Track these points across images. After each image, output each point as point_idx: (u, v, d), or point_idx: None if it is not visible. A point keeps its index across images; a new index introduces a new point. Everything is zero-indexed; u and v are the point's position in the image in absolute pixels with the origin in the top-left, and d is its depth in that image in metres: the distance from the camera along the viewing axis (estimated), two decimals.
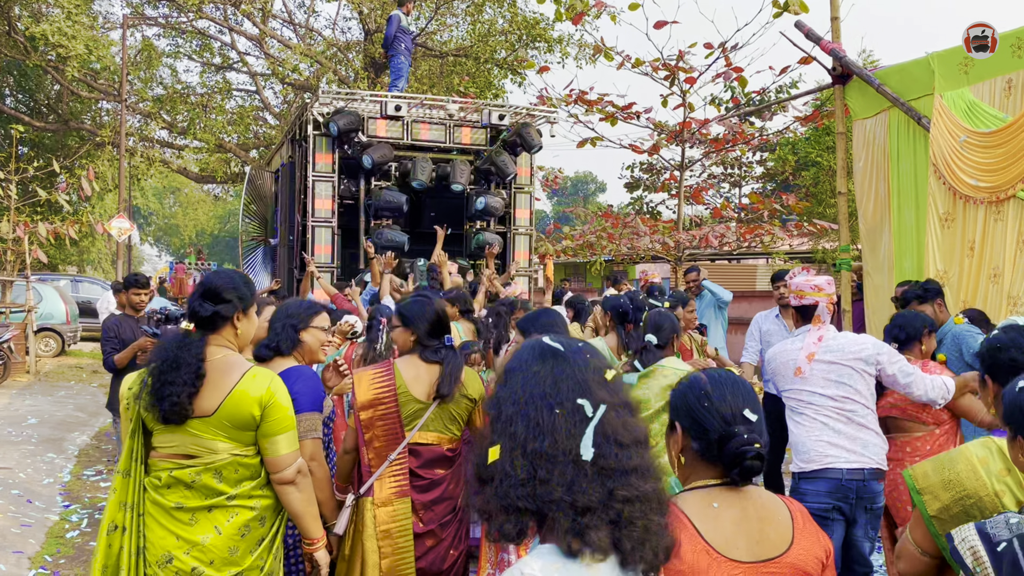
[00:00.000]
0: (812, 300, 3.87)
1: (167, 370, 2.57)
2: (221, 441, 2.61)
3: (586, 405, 1.40)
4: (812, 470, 3.66)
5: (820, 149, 18.07)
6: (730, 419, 1.74)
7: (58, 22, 19.07)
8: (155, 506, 2.64)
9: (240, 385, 2.61)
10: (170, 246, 57.56)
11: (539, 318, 3.59)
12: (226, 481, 2.62)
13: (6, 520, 5.95)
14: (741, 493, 1.74)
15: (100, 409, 10.70)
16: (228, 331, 2.73)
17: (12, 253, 13.58)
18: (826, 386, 3.69)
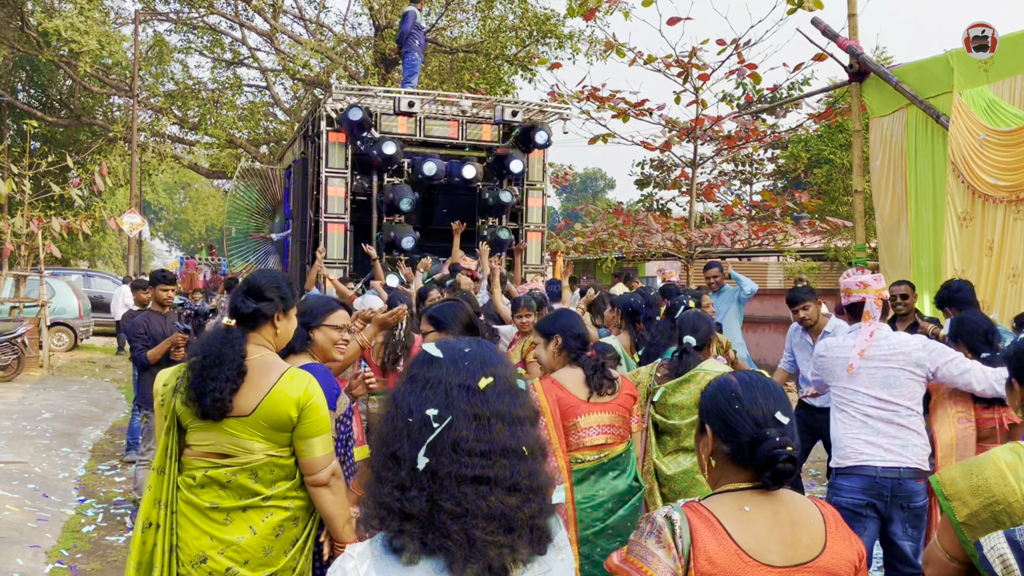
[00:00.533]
0: (859, 297, 3.89)
1: (210, 365, 2.54)
2: (257, 441, 2.60)
3: (432, 415, 1.42)
4: (847, 466, 3.69)
5: (833, 146, 17.98)
6: (762, 421, 1.73)
7: (71, 17, 19.14)
8: (189, 506, 2.62)
9: (278, 386, 2.59)
10: (180, 241, 57.76)
11: (559, 319, 3.56)
12: (261, 481, 2.60)
13: (23, 514, 5.98)
14: (773, 496, 1.73)
15: (113, 404, 10.75)
16: (268, 330, 2.72)
17: (26, 248, 13.64)
18: (871, 386, 3.70)
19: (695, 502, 1.74)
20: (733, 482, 1.75)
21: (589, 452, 3.32)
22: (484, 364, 1.50)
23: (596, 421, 3.34)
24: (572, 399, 3.31)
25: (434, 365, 1.49)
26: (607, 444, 3.35)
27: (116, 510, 6.42)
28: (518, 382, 1.53)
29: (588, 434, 3.32)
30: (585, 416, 3.32)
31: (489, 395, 1.46)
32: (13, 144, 21.22)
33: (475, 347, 1.54)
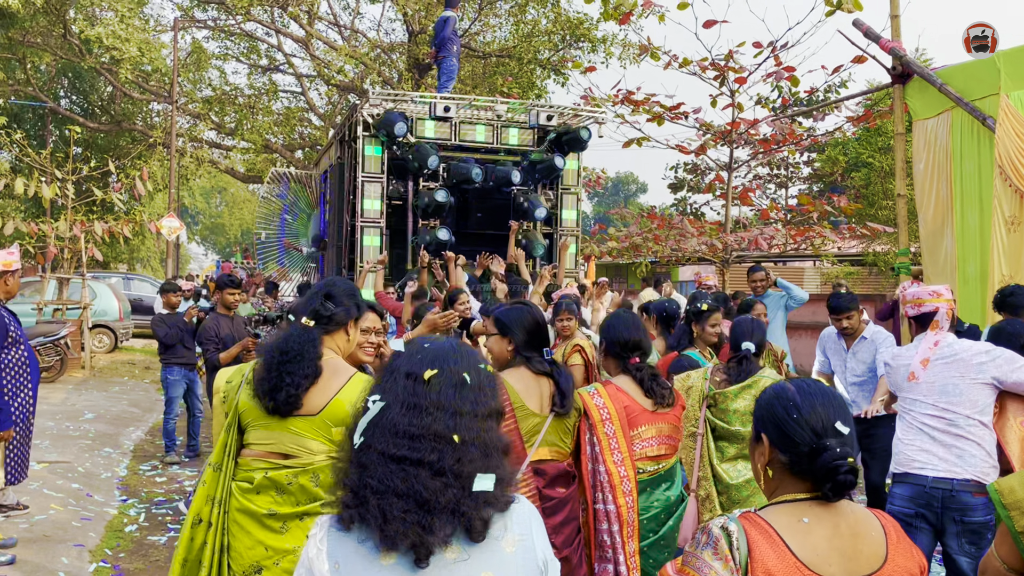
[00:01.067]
0: (932, 307, 3.88)
1: (289, 361, 2.55)
2: (321, 442, 2.58)
3: (373, 399, 1.58)
4: (898, 473, 3.67)
5: (872, 150, 17.72)
6: (821, 431, 1.69)
7: (112, 25, 19.51)
8: (243, 514, 2.58)
9: (345, 390, 2.60)
10: (216, 245, 58.55)
11: (618, 323, 3.47)
12: (322, 485, 2.55)
13: (67, 513, 6.09)
14: (832, 508, 1.69)
15: (153, 405, 10.91)
16: (341, 335, 2.76)
17: (69, 251, 13.91)
18: (929, 393, 3.65)
19: (752, 512, 1.70)
20: (790, 492, 1.72)
21: (648, 463, 3.25)
22: (435, 358, 1.60)
23: (656, 431, 3.28)
24: (637, 407, 3.25)
25: (396, 358, 1.65)
26: (664, 455, 3.30)
27: (157, 510, 6.51)
28: (472, 378, 1.60)
29: (649, 444, 3.25)
30: (647, 426, 3.25)
31: (432, 385, 1.56)
32: (56, 149, 21.68)
33: (436, 344, 1.66)
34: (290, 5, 20.44)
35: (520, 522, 1.56)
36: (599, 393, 3.24)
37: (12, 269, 5.00)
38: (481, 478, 1.50)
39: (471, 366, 1.63)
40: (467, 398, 1.58)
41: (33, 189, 13.14)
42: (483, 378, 1.63)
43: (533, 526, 1.58)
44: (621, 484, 3.09)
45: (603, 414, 3.17)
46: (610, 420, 3.16)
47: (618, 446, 3.13)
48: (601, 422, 3.16)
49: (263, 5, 20.65)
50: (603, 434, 3.14)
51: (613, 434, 3.14)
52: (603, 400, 3.21)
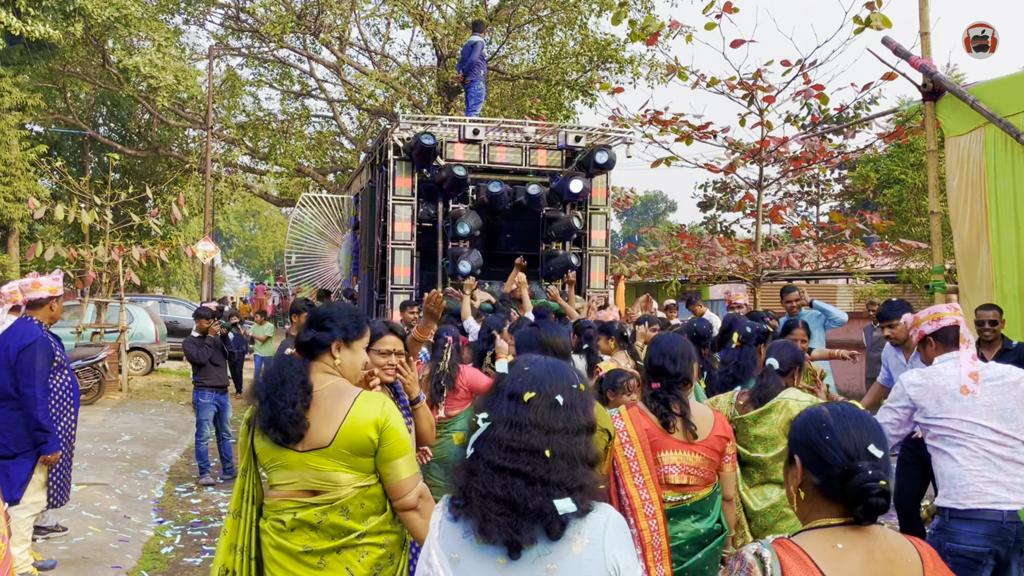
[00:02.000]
0: (952, 320, 3.70)
1: (273, 390, 2.53)
2: (343, 472, 2.53)
3: (482, 417, 1.86)
4: (968, 508, 3.41)
5: (904, 166, 17.54)
6: (854, 454, 1.69)
7: (149, 54, 20.02)
8: (280, 551, 2.55)
9: (354, 410, 2.54)
10: (250, 267, 59.34)
11: (653, 347, 3.40)
12: (354, 518, 2.53)
13: (105, 535, 6.19)
14: (866, 533, 1.68)
15: (188, 427, 11.05)
16: (328, 358, 2.68)
17: (107, 276, 14.20)
18: (989, 418, 3.44)
19: (785, 539, 1.70)
20: (824, 516, 1.72)
21: (670, 492, 3.17)
22: (534, 381, 1.86)
23: (679, 459, 3.17)
24: (658, 432, 3.18)
25: (501, 379, 1.92)
26: (689, 486, 3.18)
27: (193, 532, 6.58)
28: (565, 398, 1.85)
29: (669, 471, 3.16)
30: (667, 452, 3.17)
31: (531, 406, 1.82)
32: (95, 176, 22.20)
33: (536, 367, 1.92)
34: (322, 32, 20.82)
35: (593, 528, 1.77)
36: (621, 416, 3.22)
37: (58, 294, 5.13)
38: (560, 502, 1.74)
39: (565, 388, 1.87)
40: (559, 417, 1.82)
41: (73, 215, 13.45)
42: (575, 397, 1.87)
43: (607, 533, 1.77)
44: (643, 507, 3.04)
45: (623, 437, 3.14)
46: (630, 443, 3.13)
47: (639, 469, 3.09)
48: (621, 445, 3.13)
49: (295, 32, 21.06)
50: (623, 457, 3.12)
51: (634, 456, 3.11)
52: (624, 423, 3.18)
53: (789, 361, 3.94)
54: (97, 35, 21.20)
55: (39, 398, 4.85)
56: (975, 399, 3.46)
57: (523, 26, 21.19)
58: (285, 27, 19.73)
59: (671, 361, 3.20)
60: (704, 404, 3.80)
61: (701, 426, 3.19)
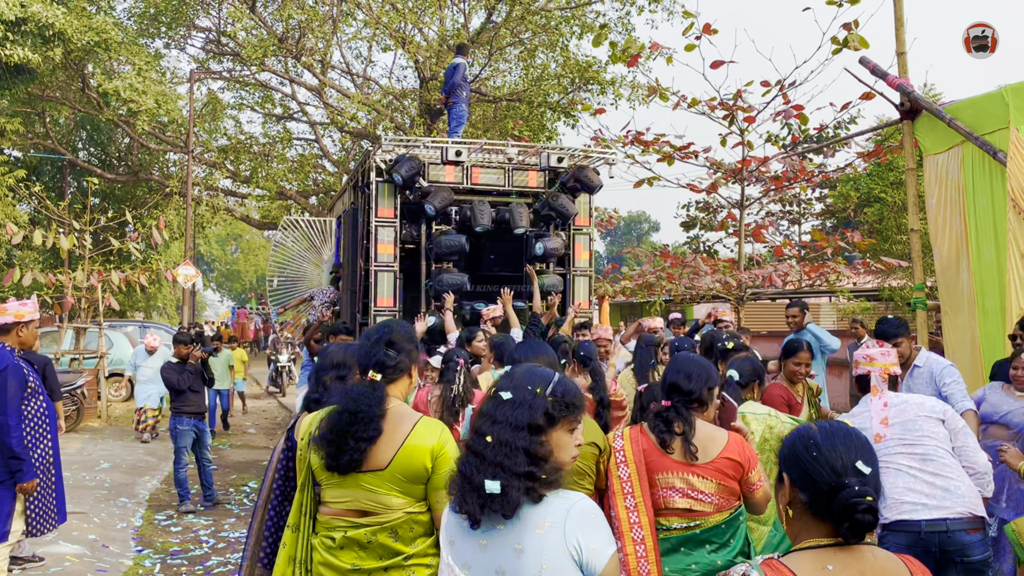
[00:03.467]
0: (865, 370, 3.87)
1: (357, 423, 2.52)
2: (395, 496, 2.55)
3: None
4: (891, 520, 3.49)
5: (884, 185, 17.73)
6: (840, 470, 1.67)
7: (129, 78, 19.94)
8: (329, 569, 2.57)
9: (412, 436, 2.56)
10: (232, 291, 58.92)
11: (669, 366, 3.33)
12: (402, 540, 2.55)
13: (83, 565, 6.05)
14: (857, 554, 1.66)
15: (168, 454, 10.88)
16: (404, 382, 2.71)
17: (86, 301, 14.03)
18: (893, 432, 3.64)
19: (774, 559, 1.68)
20: (813, 536, 1.69)
21: (675, 519, 2.99)
22: (514, 385, 2.14)
23: (684, 483, 2.98)
24: (654, 452, 3.03)
25: (500, 379, 2.22)
26: (695, 512, 2.98)
27: (173, 560, 6.46)
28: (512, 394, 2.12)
29: (670, 495, 2.99)
30: (665, 474, 3.00)
31: (507, 404, 2.10)
32: (74, 201, 22.01)
33: (519, 371, 2.20)
34: (303, 55, 20.83)
35: (555, 513, 2.00)
36: (622, 436, 3.13)
37: (25, 320, 5.01)
38: (489, 483, 1.99)
39: (521, 387, 2.13)
40: (502, 411, 2.10)
41: (51, 240, 13.31)
42: (526, 397, 2.11)
43: (569, 517, 1.99)
44: (631, 531, 2.90)
45: (619, 457, 3.05)
46: (625, 463, 3.02)
47: (631, 491, 2.96)
48: (616, 465, 3.04)
49: (277, 55, 21.06)
50: (616, 478, 3.01)
51: (628, 478, 2.99)
52: (623, 443, 3.08)
53: (749, 373, 4.02)
54: (77, 59, 21.10)
55: (11, 426, 4.75)
56: (885, 432, 3.63)
57: (505, 48, 21.31)
58: (266, 50, 19.73)
59: (686, 379, 3.08)
60: None
61: (706, 447, 3.00)
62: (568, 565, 1.97)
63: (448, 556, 2.12)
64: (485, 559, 2.04)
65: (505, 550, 2.00)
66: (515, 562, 1.99)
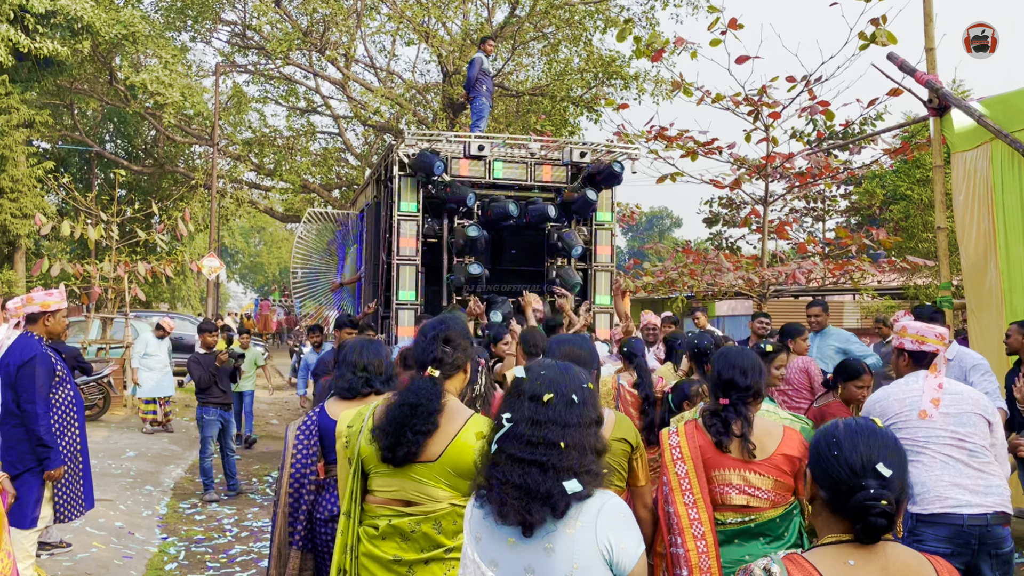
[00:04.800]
0: (932, 348, 3.80)
1: (418, 417, 2.57)
2: (442, 489, 2.59)
3: (506, 417, 2.10)
4: (931, 513, 3.51)
5: (910, 182, 17.53)
6: (860, 471, 1.67)
7: (156, 71, 20.14)
8: (371, 559, 2.63)
9: (464, 431, 2.60)
10: (255, 283, 59.41)
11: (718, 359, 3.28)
12: (444, 532, 2.59)
13: (109, 551, 6.15)
14: (880, 550, 1.66)
15: (192, 443, 11.03)
16: (460, 377, 2.77)
17: (113, 291, 14.21)
18: (946, 423, 3.58)
19: (796, 554, 1.68)
20: (834, 532, 1.70)
21: (731, 513, 2.98)
22: (551, 383, 2.10)
23: (738, 479, 2.97)
24: (711, 449, 3.00)
25: (519, 383, 2.14)
26: (752, 508, 2.97)
27: (197, 548, 6.55)
28: (578, 397, 2.10)
29: (728, 492, 2.97)
30: (722, 471, 2.98)
31: (549, 406, 2.06)
32: (101, 192, 22.29)
33: (550, 369, 2.15)
34: (327, 49, 20.93)
35: (587, 512, 2.00)
36: (677, 432, 3.09)
37: (52, 309, 5.08)
38: (569, 483, 1.98)
39: (577, 387, 2.12)
40: (574, 413, 2.07)
41: (79, 231, 13.48)
42: (586, 395, 2.12)
43: (600, 516, 2.00)
44: (691, 527, 2.89)
45: (675, 454, 3.02)
46: (682, 460, 2.99)
47: (690, 487, 2.94)
48: (672, 462, 3.01)
49: (301, 49, 21.18)
50: (673, 474, 2.99)
51: (685, 474, 2.96)
52: (679, 439, 3.05)
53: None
54: (104, 52, 21.35)
55: (40, 414, 4.82)
56: (935, 414, 3.60)
57: (528, 43, 21.29)
58: (291, 44, 19.84)
59: (741, 374, 3.03)
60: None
61: (763, 444, 2.98)
62: (599, 564, 1.98)
63: (474, 552, 2.11)
64: (514, 557, 2.03)
65: (535, 548, 2.00)
66: (545, 561, 1.99)
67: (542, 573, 2.00)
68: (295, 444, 3.50)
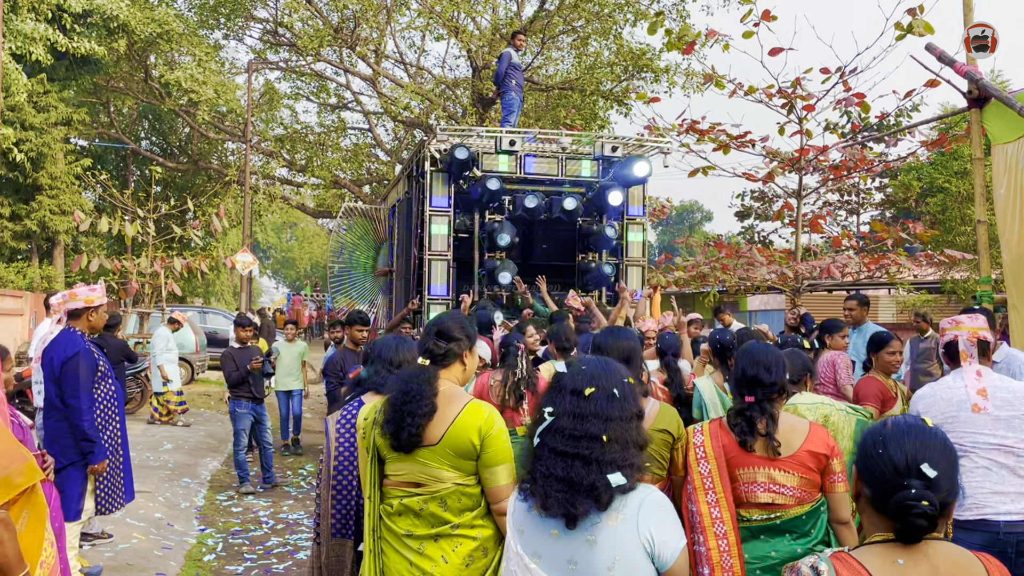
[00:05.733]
0: (951, 335, 3.71)
1: (409, 401, 2.77)
2: (446, 470, 2.77)
3: (547, 411, 2.16)
4: (967, 519, 3.43)
5: (948, 174, 17.23)
6: (903, 471, 1.66)
7: (190, 69, 20.40)
8: (390, 533, 2.86)
9: (462, 416, 2.78)
10: (286, 278, 59.99)
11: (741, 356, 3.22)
12: (450, 510, 2.78)
13: (149, 542, 6.27)
14: (928, 548, 1.64)
15: (228, 436, 11.16)
16: (457, 367, 2.96)
17: (149, 286, 14.44)
18: (995, 427, 3.45)
19: (844, 552, 1.67)
20: (880, 531, 1.68)
21: (756, 511, 2.97)
22: (592, 378, 2.16)
23: (764, 477, 2.95)
24: (735, 448, 2.98)
25: (560, 377, 2.21)
26: (778, 505, 2.95)
27: (234, 540, 6.65)
28: (619, 391, 2.16)
29: (753, 490, 2.96)
30: (747, 469, 2.97)
31: (590, 399, 2.11)
32: (138, 189, 22.64)
33: (591, 364, 2.21)
34: (358, 45, 21.04)
35: (630, 505, 2.05)
36: (702, 431, 3.08)
37: (95, 305, 5.17)
38: (613, 476, 2.02)
39: (618, 382, 2.17)
40: (616, 407, 2.12)
41: (117, 227, 13.71)
42: (627, 390, 2.17)
43: (642, 510, 2.05)
44: (713, 526, 2.89)
45: (699, 453, 3.01)
46: (705, 459, 2.98)
47: (712, 486, 2.94)
48: (696, 461, 3.00)
49: (332, 46, 21.31)
50: (697, 473, 2.98)
51: (708, 474, 2.96)
52: (703, 438, 3.03)
53: (800, 369, 3.99)
54: (140, 51, 21.65)
55: (84, 409, 4.89)
56: (987, 407, 3.47)
57: (557, 37, 21.22)
58: (322, 40, 19.97)
59: (766, 371, 2.99)
60: None
61: (788, 440, 2.95)
62: (640, 557, 2.03)
63: (517, 545, 2.16)
64: (557, 549, 2.08)
65: (578, 541, 2.05)
66: (588, 553, 2.04)
67: (585, 565, 2.04)
68: (337, 437, 3.59)
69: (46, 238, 21.77)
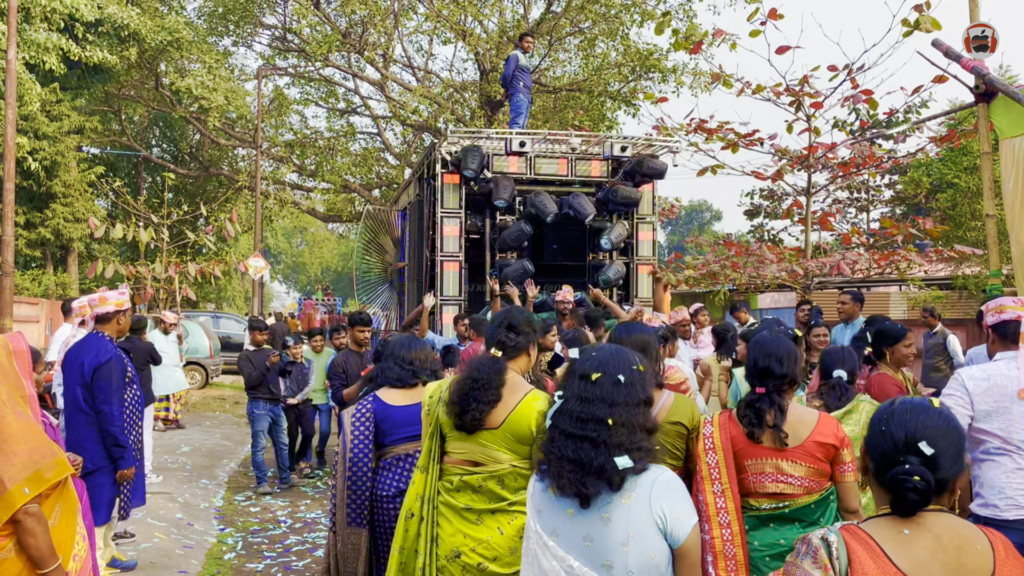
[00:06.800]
0: (1014, 314, 3.53)
1: (478, 388, 3.00)
2: (504, 452, 3.01)
3: (558, 395, 2.31)
4: (1004, 519, 3.33)
5: (957, 170, 17.20)
6: (902, 447, 1.73)
7: (200, 76, 20.58)
8: (447, 507, 3.08)
9: (523, 403, 3.01)
10: (297, 283, 60.24)
11: (752, 347, 3.22)
12: (507, 488, 3.01)
13: (170, 541, 6.37)
14: (934, 520, 1.71)
15: (244, 439, 11.29)
16: (524, 358, 3.19)
17: (164, 292, 14.59)
18: None
19: (852, 525, 1.75)
20: (884, 503, 1.77)
21: (765, 500, 3.00)
22: (600, 364, 2.27)
23: (772, 468, 2.98)
24: (742, 439, 3.02)
25: (573, 363, 2.37)
26: (786, 495, 2.98)
27: (253, 539, 6.74)
28: (625, 377, 2.26)
29: (762, 480, 2.99)
30: (755, 460, 3.00)
31: (597, 384, 2.23)
32: (150, 195, 22.84)
33: (601, 352, 2.33)
34: (366, 50, 21.18)
35: (642, 485, 2.15)
36: (711, 422, 3.13)
37: (124, 308, 5.22)
38: (620, 459, 2.11)
39: (625, 368, 2.27)
40: (621, 392, 2.23)
41: (131, 234, 13.86)
42: (635, 376, 2.27)
43: (654, 489, 2.15)
44: (717, 515, 2.93)
45: (707, 444, 3.05)
46: (713, 450, 3.02)
47: (719, 477, 2.98)
48: (704, 451, 3.05)
49: (340, 51, 21.45)
50: (704, 464, 3.03)
51: (715, 464, 3.00)
52: (712, 429, 3.08)
53: (851, 368, 4.02)
54: (150, 59, 21.85)
55: (116, 415, 4.92)
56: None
57: (564, 38, 21.29)
58: (330, 46, 20.11)
59: (777, 362, 3.02)
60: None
61: (796, 431, 2.97)
62: (653, 533, 2.13)
63: (536, 524, 2.28)
64: (573, 527, 2.19)
65: (592, 519, 2.16)
66: (603, 530, 2.15)
67: (600, 541, 2.15)
68: (352, 430, 3.69)
69: (60, 245, 21.99)
